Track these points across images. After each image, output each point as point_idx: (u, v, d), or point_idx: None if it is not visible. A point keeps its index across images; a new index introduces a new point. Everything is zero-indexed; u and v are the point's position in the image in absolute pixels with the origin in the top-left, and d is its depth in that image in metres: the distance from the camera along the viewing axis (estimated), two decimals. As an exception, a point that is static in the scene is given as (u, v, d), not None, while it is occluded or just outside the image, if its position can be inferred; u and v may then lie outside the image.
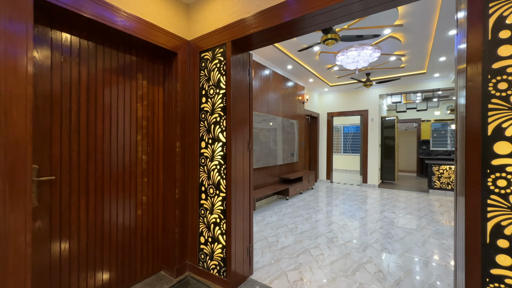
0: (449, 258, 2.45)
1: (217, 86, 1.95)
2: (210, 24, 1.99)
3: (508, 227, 0.94)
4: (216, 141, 1.96)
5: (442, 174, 5.65)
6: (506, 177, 0.94)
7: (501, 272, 0.95)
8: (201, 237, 2.07)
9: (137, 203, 1.96)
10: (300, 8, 1.50)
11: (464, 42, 1.05)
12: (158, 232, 2.13)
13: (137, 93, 1.96)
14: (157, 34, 1.89)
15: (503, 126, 0.94)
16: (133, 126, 1.93)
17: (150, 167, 2.06)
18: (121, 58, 1.85)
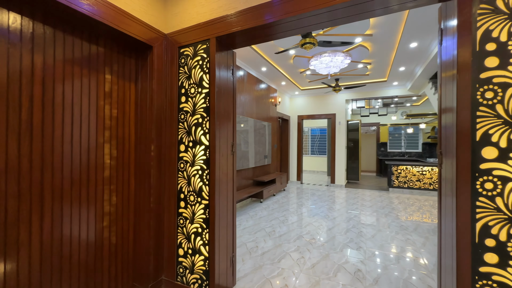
0: (417, 253, 2.65)
1: (199, 85, 1.80)
2: (191, 17, 1.84)
3: (495, 227, 1.00)
4: (198, 144, 1.81)
5: (400, 173, 6.19)
6: (492, 180, 1.00)
7: (489, 269, 1.01)
8: (180, 249, 1.89)
9: (103, 214, 1.71)
10: (291, 9, 1.45)
11: (453, 52, 1.10)
12: (129, 246, 1.89)
13: (105, 89, 1.71)
14: (130, 24, 1.67)
15: (490, 132, 1.01)
16: (99, 126, 1.68)
17: (120, 173, 1.82)
18: (85, 48, 1.60)
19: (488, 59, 1.01)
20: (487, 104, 1.01)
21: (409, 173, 6.08)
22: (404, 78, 5.55)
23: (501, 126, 1.00)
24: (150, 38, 1.83)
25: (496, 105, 1.00)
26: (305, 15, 1.44)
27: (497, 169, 1.00)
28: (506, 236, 0.98)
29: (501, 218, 0.99)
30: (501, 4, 1.00)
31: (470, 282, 1.03)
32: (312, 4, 1.39)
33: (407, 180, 6.09)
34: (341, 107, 6.91)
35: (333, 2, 1.34)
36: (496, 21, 1.00)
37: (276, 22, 1.54)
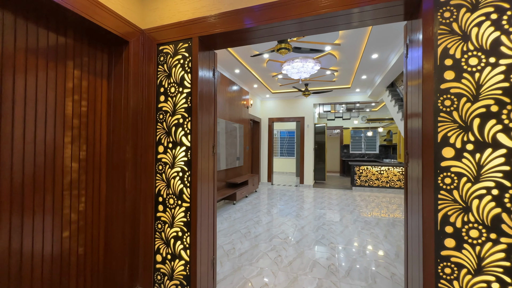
0: (380, 245, 2.91)
1: (180, 84, 1.75)
2: (171, 14, 1.79)
3: (452, 215, 1.17)
4: (179, 145, 1.76)
5: (361, 173, 6.72)
6: (450, 175, 1.18)
7: (448, 252, 1.17)
8: (158, 256, 1.80)
9: (71, 223, 1.55)
10: (272, 16, 1.51)
11: (418, 64, 1.27)
12: (99, 256, 1.74)
13: (73, 84, 1.56)
14: (104, 15, 1.56)
15: (448, 135, 1.18)
16: (67, 125, 1.53)
17: (89, 177, 1.67)
18: (51, 39, 1.44)
19: (446, 72, 1.19)
20: (446, 110, 1.18)
21: (369, 173, 6.63)
22: (365, 85, 6.06)
23: (456, 129, 1.17)
24: (126, 33, 1.73)
25: (453, 112, 1.18)
26: (283, 23, 1.52)
27: (454, 166, 1.17)
28: (461, 223, 1.16)
29: (457, 208, 1.16)
30: (456, 27, 1.18)
31: (433, 264, 1.18)
32: (287, 14, 1.47)
33: (367, 179, 6.63)
34: (309, 111, 7.26)
35: (303, 15, 1.44)
36: (452, 41, 1.18)
37: (257, 27, 1.58)
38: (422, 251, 1.21)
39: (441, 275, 1.18)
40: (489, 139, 1.13)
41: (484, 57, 1.14)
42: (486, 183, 1.13)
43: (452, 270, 1.17)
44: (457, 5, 1.18)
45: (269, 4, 1.51)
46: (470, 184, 1.15)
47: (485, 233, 1.13)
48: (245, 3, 1.59)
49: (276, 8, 1.50)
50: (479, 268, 1.13)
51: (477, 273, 1.14)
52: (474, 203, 1.14)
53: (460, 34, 1.18)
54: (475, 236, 1.14)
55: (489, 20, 1.14)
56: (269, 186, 7.29)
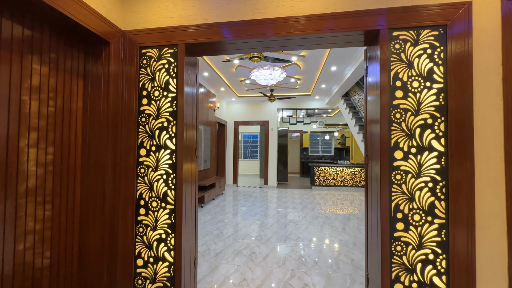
0: (340, 236, 3.30)
1: (165, 88, 1.79)
2: (155, 19, 1.81)
3: (401, 204, 1.48)
4: (163, 148, 1.78)
5: (320, 174, 7.32)
6: (400, 172, 1.49)
7: (399, 234, 1.48)
8: (139, 260, 1.78)
9: (28, 232, 1.45)
10: (261, 31, 1.68)
11: (376, 81, 1.57)
12: (73, 265, 1.65)
13: (49, 83, 1.48)
14: (85, 14, 1.51)
15: (398, 141, 1.50)
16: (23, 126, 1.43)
17: (57, 183, 1.58)
18: (26, 34, 1.35)
19: (397, 91, 1.51)
20: (397, 121, 1.50)
21: (326, 173, 7.27)
22: (324, 93, 6.67)
23: (404, 137, 1.50)
24: (106, 33, 1.69)
25: (402, 123, 1.50)
26: (267, 39, 1.70)
27: (402, 165, 1.49)
28: (407, 210, 1.48)
29: (405, 198, 1.48)
30: (404, 57, 1.51)
31: (389, 244, 1.48)
32: (268, 32, 1.66)
33: (325, 179, 7.26)
34: (273, 115, 7.62)
35: (283, 34, 1.63)
36: (401, 67, 1.51)
37: (240, 41, 1.73)
38: (380, 235, 1.50)
39: (394, 252, 1.49)
40: (426, 144, 1.48)
41: (422, 82, 1.49)
42: (424, 178, 1.47)
43: (402, 248, 1.48)
44: (404, 40, 1.52)
45: (255, 21, 1.67)
46: (413, 179, 1.48)
47: (424, 217, 1.47)
48: (231, 18, 1.72)
49: (260, 26, 1.67)
50: (420, 244, 1.47)
51: (419, 248, 1.47)
52: (417, 193, 1.48)
53: (407, 62, 1.51)
54: (417, 220, 1.47)
55: (425, 54, 1.49)
56: (234, 188, 7.39)
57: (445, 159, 1.45)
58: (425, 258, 1.46)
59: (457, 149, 1.42)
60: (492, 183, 1.40)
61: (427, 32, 1.49)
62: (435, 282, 1.44)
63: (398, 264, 1.48)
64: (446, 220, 1.45)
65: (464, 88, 1.42)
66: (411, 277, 1.47)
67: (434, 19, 1.47)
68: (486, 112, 1.42)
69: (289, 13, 1.65)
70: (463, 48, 1.43)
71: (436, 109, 1.47)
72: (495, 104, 1.41)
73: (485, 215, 1.40)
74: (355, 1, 1.57)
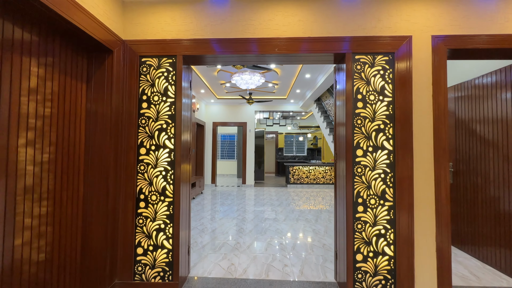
0: (313, 226, 3.72)
1: (164, 94, 2.00)
2: (155, 31, 2.01)
3: (361, 191, 1.89)
4: (162, 148, 1.99)
5: (294, 173, 7.81)
6: (360, 166, 1.89)
7: (359, 215, 1.88)
8: (139, 248, 1.97)
9: (34, 227, 1.59)
10: (249, 48, 1.98)
11: (343, 93, 1.96)
12: (76, 259, 1.78)
13: (59, 88, 1.62)
14: (92, 25, 1.67)
15: (359, 141, 1.90)
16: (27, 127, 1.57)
17: (57, 180, 1.72)
18: (41, 44, 1.50)
19: (358, 102, 1.91)
20: (358, 126, 1.90)
21: (300, 172, 7.78)
22: (298, 98, 7.16)
23: (364, 138, 1.90)
24: (109, 41, 1.85)
25: (362, 127, 1.91)
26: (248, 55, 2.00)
27: (362, 161, 1.90)
28: (366, 196, 1.89)
29: (364, 186, 1.89)
30: (363, 76, 1.92)
31: (352, 223, 1.87)
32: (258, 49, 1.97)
33: (299, 177, 7.77)
34: (251, 117, 7.94)
35: (268, 52, 1.96)
36: (361, 83, 1.92)
37: (232, 55, 2.01)
38: (345, 216, 1.89)
39: (356, 229, 1.88)
40: (379, 144, 1.90)
41: (377, 96, 1.91)
42: (378, 171, 1.89)
43: (362, 226, 1.88)
44: (363, 62, 1.93)
45: (245, 39, 1.97)
46: (370, 171, 1.89)
47: (378, 201, 1.88)
48: (224, 35, 1.99)
49: (249, 44, 1.97)
50: (375, 222, 1.88)
51: (374, 225, 1.88)
52: (373, 183, 1.89)
53: (365, 80, 1.92)
54: (373, 203, 1.89)
55: (379, 74, 1.92)
56: (213, 188, 7.57)
57: (393, 156, 1.89)
58: (378, 233, 1.88)
59: (401, 148, 1.86)
60: (425, 174, 1.87)
61: (380, 57, 1.92)
62: (386, 251, 1.87)
63: (359, 238, 1.88)
64: (393, 203, 1.88)
65: (407, 101, 1.87)
66: (368, 248, 1.88)
67: (385, 47, 1.91)
68: (421, 120, 1.88)
69: (274, 34, 1.97)
70: (405, 71, 1.88)
71: (386, 117, 1.90)
72: (427, 114, 1.88)
73: (420, 199, 1.86)
74: (327, 29, 1.95)
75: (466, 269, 2.36)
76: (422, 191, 1.86)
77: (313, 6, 1.97)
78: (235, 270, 2.34)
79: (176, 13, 2.01)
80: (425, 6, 1.92)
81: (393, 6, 1.93)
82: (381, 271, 1.86)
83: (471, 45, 1.87)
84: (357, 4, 1.95)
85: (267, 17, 1.99)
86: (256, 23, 1.99)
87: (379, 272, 1.86)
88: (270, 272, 2.31)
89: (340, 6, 1.96)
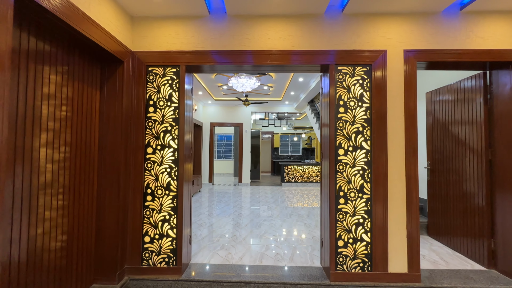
0: (305, 221, 3.99)
1: (169, 99, 2.24)
2: (161, 44, 2.25)
3: (343, 186, 2.16)
4: (167, 147, 2.23)
5: (289, 172, 8.09)
6: (342, 164, 2.16)
7: (341, 206, 2.15)
8: (146, 237, 2.21)
9: (58, 218, 1.83)
10: (245, 60, 2.23)
11: (329, 102, 2.23)
12: (91, 244, 2.02)
13: (78, 95, 1.85)
14: (105, 39, 1.90)
15: (341, 142, 2.17)
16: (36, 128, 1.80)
17: (72, 177, 1.95)
18: (65, 58, 1.73)
19: (340, 108, 2.18)
20: (340, 128, 2.17)
21: (295, 171, 8.06)
22: (292, 99, 7.44)
23: (345, 139, 2.18)
24: (120, 53, 2.09)
25: (343, 130, 2.18)
26: (244, 65, 2.26)
27: (343, 159, 2.17)
28: (346, 189, 2.16)
29: (345, 181, 2.16)
30: (345, 84, 2.19)
31: (334, 213, 2.14)
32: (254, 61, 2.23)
33: (294, 176, 8.05)
34: (247, 118, 8.20)
35: (261, 63, 2.21)
36: (343, 91, 2.18)
37: (229, 65, 2.26)
38: (329, 207, 2.16)
39: (338, 219, 2.15)
40: (358, 145, 2.17)
41: (356, 102, 2.18)
42: (357, 168, 2.16)
43: (343, 215, 2.15)
44: (345, 73, 2.20)
45: (241, 52, 2.22)
46: (351, 168, 2.17)
47: (357, 194, 2.16)
48: (223, 47, 2.24)
49: (245, 55, 2.23)
50: (354, 212, 2.15)
51: (353, 215, 2.15)
52: (352, 178, 2.16)
53: (347, 88, 2.19)
54: (353, 196, 2.16)
55: (358, 83, 2.19)
56: (210, 186, 7.80)
57: (370, 155, 2.16)
58: (357, 222, 2.15)
59: (377, 148, 2.14)
60: (398, 171, 2.14)
61: (359, 68, 2.20)
62: (364, 238, 2.14)
63: (340, 227, 2.15)
64: (370, 196, 2.15)
65: (382, 107, 2.15)
66: (348, 235, 2.15)
67: (364, 60, 2.18)
68: (394, 123, 2.16)
69: (267, 47, 2.23)
70: (381, 80, 2.16)
71: (365, 121, 2.18)
72: (399, 118, 2.16)
73: (393, 192, 2.14)
74: (313, 43, 2.21)
75: (437, 256, 2.65)
76: (395, 185, 2.14)
77: (300, 23, 2.23)
78: (231, 258, 2.59)
79: (180, 28, 2.26)
80: (399, 24, 2.20)
81: (371, 24, 2.21)
82: (360, 255, 2.14)
83: (438, 58, 2.16)
84: (339, 21, 2.22)
85: (260, 32, 2.25)
86: (251, 37, 2.24)
87: (358, 256, 2.14)
88: (263, 259, 2.57)
89: (324, 23, 2.22)
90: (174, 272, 2.18)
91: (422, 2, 2.06)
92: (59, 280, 1.70)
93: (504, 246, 2.22)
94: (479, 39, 2.15)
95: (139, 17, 2.27)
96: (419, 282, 2.09)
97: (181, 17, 2.27)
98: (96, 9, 1.78)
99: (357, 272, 2.12)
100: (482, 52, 2.13)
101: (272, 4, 2.10)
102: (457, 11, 2.17)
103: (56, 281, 1.66)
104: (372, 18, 2.21)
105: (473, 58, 2.14)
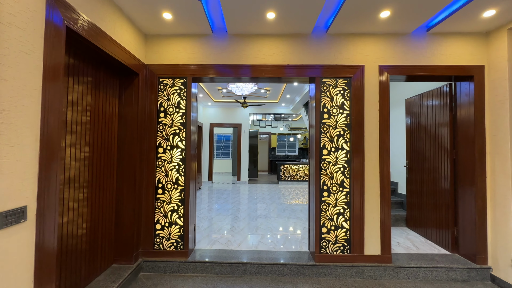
0: (298, 215, 4.36)
1: (177, 106, 2.60)
2: (170, 58, 2.61)
3: (326, 181, 2.53)
4: (175, 148, 2.59)
5: (285, 170, 8.46)
6: (325, 162, 2.53)
7: (324, 198, 2.52)
8: (157, 225, 2.57)
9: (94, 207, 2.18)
10: (245, 73, 2.59)
11: (314, 109, 2.60)
12: (111, 231, 2.37)
13: (103, 104, 2.20)
14: (124, 55, 2.25)
15: (325, 143, 2.54)
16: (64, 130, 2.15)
17: (94, 173, 2.30)
18: (93, 73, 2.08)
19: (324, 114, 2.55)
20: (324, 132, 2.54)
21: (291, 170, 8.44)
22: (288, 102, 7.80)
23: (328, 141, 2.54)
24: (136, 66, 2.44)
25: (327, 133, 2.54)
26: (242, 77, 2.62)
27: (327, 158, 2.53)
28: (329, 184, 2.53)
29: (328, 177, 2.53)
30: (328, 94, 2.56)
31: (319, 205, 2.51)
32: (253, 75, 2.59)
33: (290, 175, 8.42)
34: (245, 119, 8.55)
35: (246, 76, 2.58)
36: (327, 100, 2.55)
37: (229, 78, 2.62)
38: (314, 199, 2.53)
39: (322, 209, 2.52)
40: (340, 146, 2.54)
41: (339, 109, 2.55)
42: (339, 166, 2.53)
43: (326, 206, 2.52)
44: (329, 84, 2.57)
45: (240, 65, 2.58)
46: (333, 166, 2.54)
47: (338, 188, 2.53)
48: (224, 62, 2.60)
49: (243, 69, 2.58)
50: (336, 204, 2.52)
51: (335, 206, 2.52)
52: (335, 175, 2.53)
53: (330, 97, 2.56)
54: (335, 189, 2.53)
55: (340, 93, 2.56)
56: (210, 184, 8.15)
57: (350, 155, 2.53)
58: (338, 212, 2.52)
59: (356, 149, 2.51)
60: (373, 168, 2.52)
61: (341, 81, 2.56)
62: (344, 225, 2.51)
63: (324, 216, 2.52)
64: (350, 189, 2.53)
65: (360, 114, 2.52)
66: (331, 223, 2.52)
67: (345, 73, 2.55)
68: (370, 128, 2.53)
69: (262, 62, 2.59)
70: (359, 91, 2.53)
71: (345, 126, 2.55)
72: (375, 123, 2.53)
73: (369, 186, 2.51)
74: (302, 59, 2.58)
75: (411, 243, 3.04)
76: (370, 181, 2.52)
77: (291, 41, 2.60)
78: (231, 245, 2.95)
79: (187, 44, 2.61)
80: (375, 42, 2.57)
81: (351, 42, 2.58)
82: (340, 240, 2.51)
83: (409, 72, 2.53)
84: (324, 40, 2.59)
85: (256, 49, 2.61)
86: (248, 53, 2.60)
87: (339, 241, 2.51)
88: (259, 246, 2.94)
89: (312, 42, 2.59)
90: (182, 255, 2.54)
91: (394, 24, 2.42)
92: (88, 260, 2.05)
93: (464, 233, 2.61)
94: (442, 56, 2.53)
95: (151, 35, 2.62)
96: (390, 263, 2.46)
97: (188, 35, 2.62)
98: (119, 32, 2.14)
99: (338, 254, 2.49)
100: (445, 67, 2.51)
101: (266, 25, 2.46)
102: (424, 32, 2.55)
103: (85, 261, 2.02)
104: (352, 38, 2.58)
105: (438, 72, 2.52)
